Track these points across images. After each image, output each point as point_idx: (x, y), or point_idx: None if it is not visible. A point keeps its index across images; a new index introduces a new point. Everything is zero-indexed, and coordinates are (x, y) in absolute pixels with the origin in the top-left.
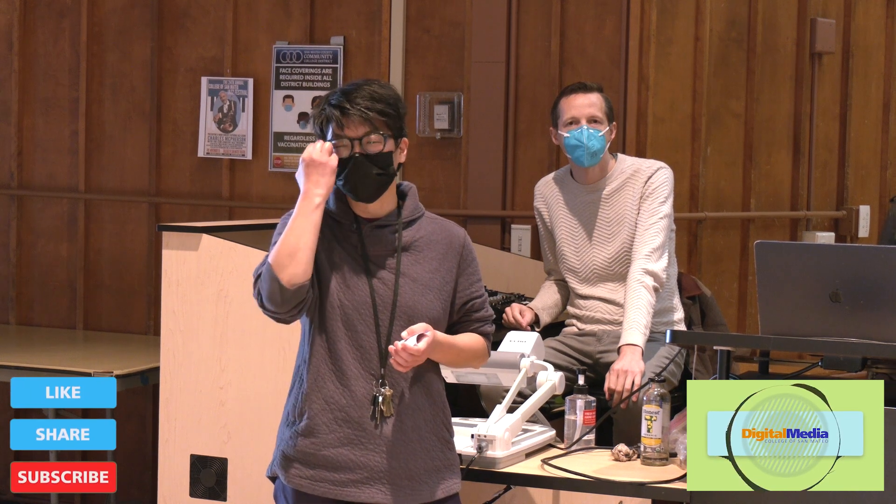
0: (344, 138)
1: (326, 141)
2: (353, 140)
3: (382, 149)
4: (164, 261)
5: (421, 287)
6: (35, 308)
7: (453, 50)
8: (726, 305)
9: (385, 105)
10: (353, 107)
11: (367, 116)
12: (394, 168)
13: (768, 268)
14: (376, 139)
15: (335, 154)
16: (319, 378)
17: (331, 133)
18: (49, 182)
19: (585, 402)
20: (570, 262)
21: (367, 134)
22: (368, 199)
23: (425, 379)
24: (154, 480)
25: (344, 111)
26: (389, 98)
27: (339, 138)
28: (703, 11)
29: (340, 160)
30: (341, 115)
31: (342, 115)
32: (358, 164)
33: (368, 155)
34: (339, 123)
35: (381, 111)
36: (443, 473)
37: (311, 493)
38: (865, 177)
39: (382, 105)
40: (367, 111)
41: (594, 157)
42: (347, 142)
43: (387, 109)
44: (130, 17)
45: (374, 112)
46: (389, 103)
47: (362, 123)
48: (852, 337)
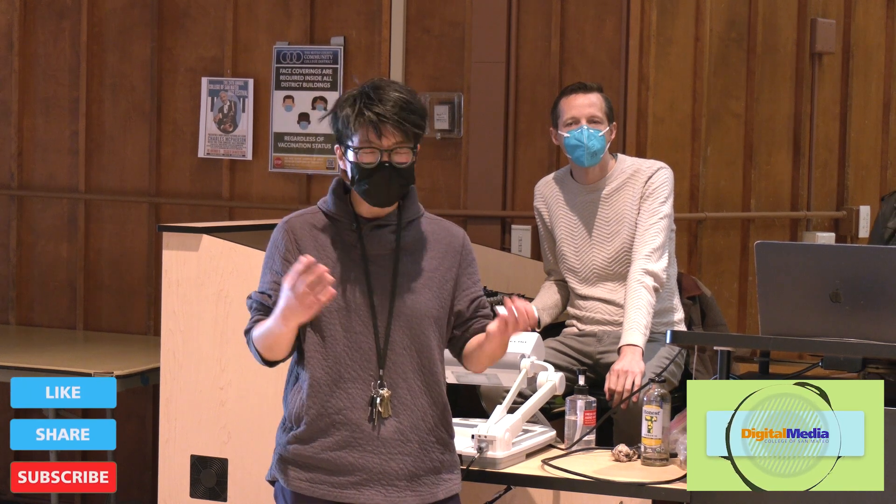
0: (374, 146)
1: (350, 145)
2: (382, 150)
3: (409, 161)
4: (164, 261)
5: (420, 287)
6: (35, 308)
7: (453, 50)
8: (726, 306)
9: (418, 118)
10: (391, 115)
11: (402, 128)
12: (414, 179)
13: (768, 268)
14: (406, 151)
15: (326, 294)
16: (317, 381)
17: (358, 138)
18: (49, 182)
19: (586, 403)
20: (569, 262)
21: (398, 144)
22: (385, 206)
23: (425, 380)
24: (154, 481)
25: (382, 119)
26: (423, 112)
27: (369, 144)
28: (704, 11)
29: (364, 167)
30: (379, 123)
31: (380, 122)
32: (386, 174)
33: (396, 165)
34: (376, 131)
35: (415, 123)
36: (443, 474)
37: (311, 496)
38: (865, 177)
39: (416, 117)
40: (404, 122)
41: (594, 157)
42: (376, 150)
43: (419, 122)
44: (130, 18)
45: (409, 123)
46: (422, 116)
47: (395, 133)
48: (852, 337)
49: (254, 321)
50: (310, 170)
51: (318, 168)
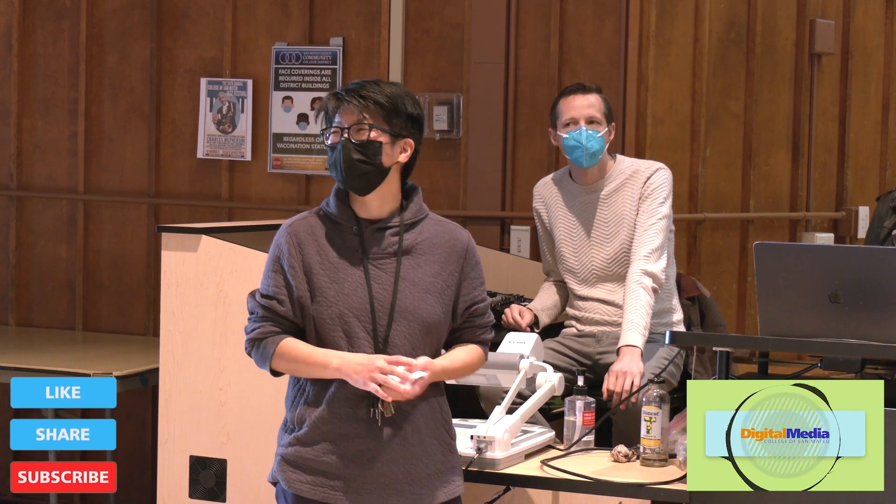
0: (336, 126)
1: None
2: (343, 128)
3: (368, 137)
4: (163, 262)
5: (421, 291)
6: (34, 309)
7: (452, 51)
8: (725, 306)
9: (383, 97)
10: (350, 95)
11: (361, 105)
12: (381, 160)
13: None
14: (364, 128)
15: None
16: (320, 384)
17: (329, 124)
18: (48, 183)
19: (585, 403)
20: (568, 262)
21: (358, 122)
22: (358, 189)
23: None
24: (153, 481)
25: (339, 98)
26: (391, 93)
27: (331, 125)
28: (703, 12)
29: (331, 146)
30: (337, 102)
31: (338, 101)
32: (343, 147)
33: (354, 142)
34: (333, 109)
35: (377, 102)
36: (445, 477)
37: (313, 499)
38: (865, 178)
39: (380, 97)
40: (362, 100)
41: (593, 157)
42: (338, 129)
43: (382, 101)
44: (129, 19)
45: (370, 102)
46: (388, 97)
47: (356, 111)
48: (851, 338)
49: (260, 330)
50: (309, 170)
51: (317, 169)
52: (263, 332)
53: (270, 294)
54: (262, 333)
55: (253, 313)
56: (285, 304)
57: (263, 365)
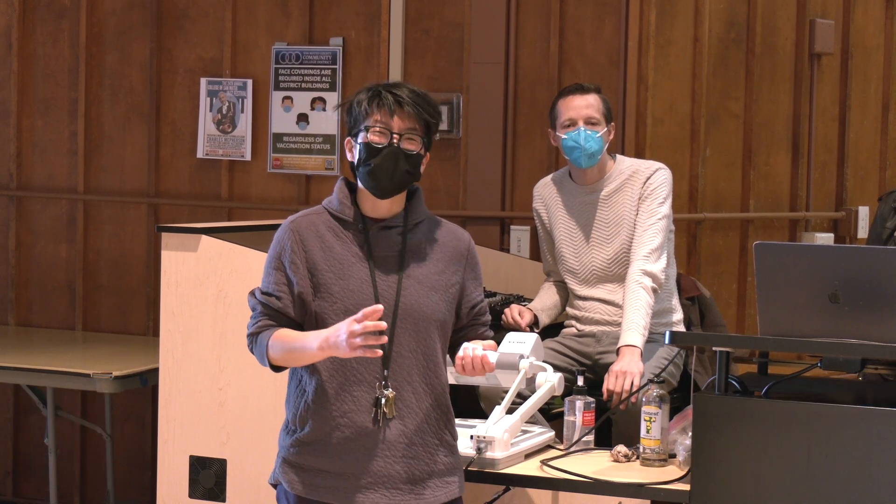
0: (386, 127)
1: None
2: (394, 132)
3: (417, 150)
4: (163, 262)
5: (426, 289)
6: (34, 309)
7: (452, 51)
8: (725, 306)
9: (434, 111)
10: (407, 99)
11: (418, 114)
12: (420, 173)
13: (767, 269)
14: (416, 139)
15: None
16: (322, 384)
17: (372, 119)
18: (48, 183)
19: (584, 403)
20: (568, 263)
21: (410, 130)
22: (388, 193)
23: (429, 382)
24: (153, 481)
25: (399, 101)
26: (437, 107)
27: (380, 125)
28: (702, 12)
29: (373, 146)
30: (395, 104)
31: (397, 103)
32: (393, 153)
33: (405, 151)
34: (390, 111)
35: (431, 114)
36: (445, 477)
37: (315, 499)
38: (864, 178)
39: (432, 110)
40: (420, 109)
41: (592, 158)
42: (387, 132)
43: (434, 116)
44: (129, 19)
45: (426, 113)
46: (437, 111)
47: (411, 119)
48: (851, 338)
49: (258, 324)
50: (309, 170)
51: (317, 169)
52: (261, 327)
53: (269, 291)
54: (259, 328)
55: (254, 310)
56: (283, 301)
57: (262, 359)
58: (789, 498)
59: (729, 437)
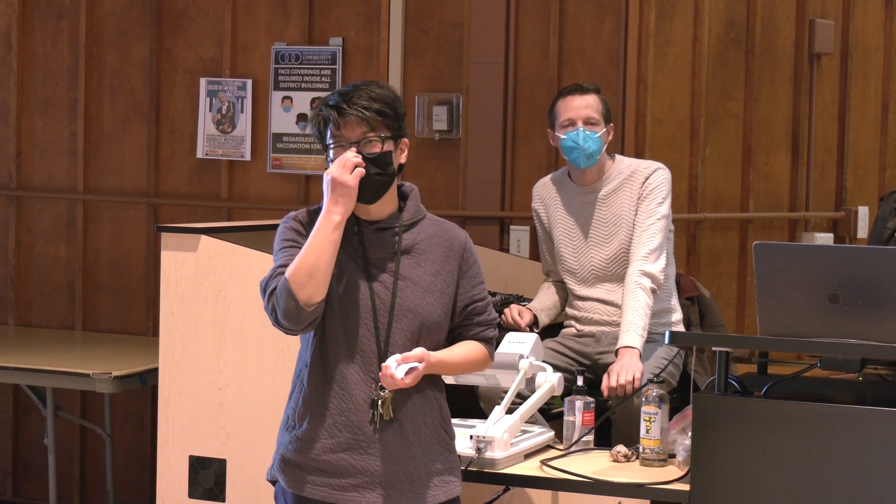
0: (342, 139)
1: (326, 144)
2: (351, 142)
3: (381, 149)
4: (162, 262)
5: (421, 290)
6: (34, 309)
7: (452, 51)
8: (725, 306)
9: (382, 105)
10: (351, 107)
11: (364, 116)
12: (393, 168)
13: (767, 269)
14: (374, 139)
15: (358, 171)
16: (320, 383)
17: (329, 135)
18: (48, 183)
19: (584, 403)
20: (568, 263)
21: (364, 135)
22: (369, 200)
23: (425, 382)
24: (153, 481)
25: (341, 112)
26: (387, 98)
27: (336, 139)
28: (702, 12)
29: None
30: (339, 116)
31: (339, 115)
32: None
33: (367, 156)
34: (336, 124)
35: (379, 111)
36: (444, 476)
37: (312, 498)
38: (864, 178)
39: (380, 105)
40: (365, 111)
41: (590, 158)
42: (345, 143)
43: (384, 109)
44: (129, 18)
45: (372, 112)
46: (387, 103)
47: (360, 124)
48: (851, 338)
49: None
50: (308, 170)
51: (317, 169)
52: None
53: (283, 263)
54: (274, 284)
55: (266, 288)
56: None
57: (290, 300)
58: (789, 498)
59: (729, 437)
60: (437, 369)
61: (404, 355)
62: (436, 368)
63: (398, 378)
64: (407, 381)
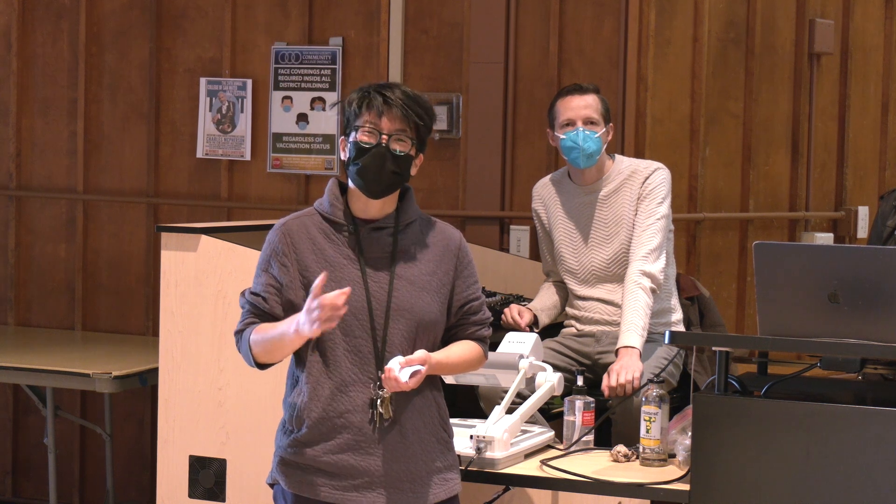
0: (376, 127)
1: (354, 126)
2: (383, 133)
3: (406, 151)
4: (162, 262)
5: (417, 290)
6: (33, 309)
7: (452, 50)
8: (725, 306)
9: (425, 114)
10: (397, 101)
11: (407, 115)
12: (409, 174)
13: (767, 268)
14: (405, 140)
15: (347, 292)
16: (318, 385)
17: (362, 119)
18: (47, 183)
19: (584, 403)
20: (568, 263)
21: (399, 131)
22: (376, 193)
23: (424, 382)
24: (153, 481)
25: (388, 102)
26: (430, 112)
27: (370, 125)
28: (702, 12)
29: (361, 145)
30: (384, 105)
31: (385, 104)
32: (380, 153)
33: (394, 152)
34: (378, 112)
35: (420, 116)
36: (443, 474)
37: (313, 499)
38: (864, 177)
39: (423, 112)
40: (409, 110)
41: (590, 158)
42: (376, 132)
43: (425, 119)
44: (129, 18)
45: (415, 114)
46: (428, 116)
47: (400, 120)
48: (851, 338)
49: (245, 322)
50: (308, 170)
51: (317, 168)
52: (246, 324)
53: (258, 292)
54: (244, 325)
55: (243, 309)
56: (270, 302)
57: (247, 357)
58: (789, 498)
59: (728, 437)
60: (438, 370)
61: (408, 358)
62: (436, 369)
63: (402, 381)
64: (411, 383)
